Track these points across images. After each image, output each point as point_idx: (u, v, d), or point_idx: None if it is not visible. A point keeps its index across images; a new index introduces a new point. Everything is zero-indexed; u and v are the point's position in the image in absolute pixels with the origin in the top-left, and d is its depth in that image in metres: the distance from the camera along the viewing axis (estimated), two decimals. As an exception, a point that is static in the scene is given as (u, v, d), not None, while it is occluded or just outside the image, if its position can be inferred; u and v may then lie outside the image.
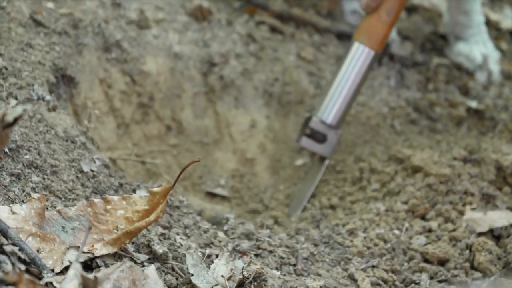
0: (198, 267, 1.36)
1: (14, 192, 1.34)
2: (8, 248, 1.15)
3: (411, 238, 1.64)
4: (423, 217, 1.71)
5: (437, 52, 2.56)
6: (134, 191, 1.54)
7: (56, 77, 1.73)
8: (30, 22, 1.79)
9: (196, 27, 2.18)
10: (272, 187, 2.06)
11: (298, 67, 2.20)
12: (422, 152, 1.86)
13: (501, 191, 1.78)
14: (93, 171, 1.51)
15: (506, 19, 2.90)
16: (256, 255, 1.49)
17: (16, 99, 1.56)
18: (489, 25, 2.79)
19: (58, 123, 1.56)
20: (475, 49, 2.48)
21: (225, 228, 1.57)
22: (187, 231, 1.50)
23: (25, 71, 1.65)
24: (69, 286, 1.11)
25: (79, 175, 1.49)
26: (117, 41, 1.98)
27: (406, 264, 1.60)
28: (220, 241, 1.49)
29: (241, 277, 1.36)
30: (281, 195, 2.00)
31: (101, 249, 1.29)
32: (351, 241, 1.62)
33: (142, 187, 1.57)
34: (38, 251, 1.22)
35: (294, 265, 1.50)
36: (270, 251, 1.51)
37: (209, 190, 1.99)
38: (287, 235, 1.62)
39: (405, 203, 1.72)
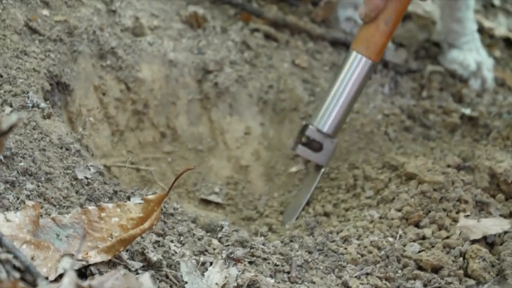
0: (192, 274, 1.36)
1: (8, 199, 1.34)
2: (3, 256, 1.15)
3: (405, 245, 1.65)
4: (417, 224, 1.71)
5: (431, 59, 2.57)
6: (128, 198, 1.54)
7: (51, 84, 1.73)
8: (25, 29, 1.79)
9: (191, 35, 2.18)
10: (266, 194, 2.06)
11: (293, 74, 2.21)
12: (416, 159, 1.86)
13: (494, 198, 1.79)
14: (87, 178, 1.51)
15: (500, 26, 2.90)
16: (250, 262, 1.49)
17: (11, 106, 1.56)
18: (482, 32, 2.80)
19: (53, 130, 1.56)
20: (469, 56, 2.49)
21: (219, 235, 1.57)
22: (181, 238, 1.50)
23: (20, 78, 1.65)
24: (64, 294, 1.11)
25: (74, 182, 1.49)
26: (112, 48, 1.98)
27: (400, 271, 1.60)
28: (214, 249, 1.49)
29: (235, 284, 1.37)
30: (275, 202, 2.01)
31: (95, 256, 1.29)
32: (345, 248, 1.62)
33: (137, 195, 1.56)
34: (32, 258, 1.22)
35: (288, 272, 1.50)
36: (264, 259, 1.51)
37: (204, 197, 2.00)
38: (281, 242, 1.62)
39: (399, 210, 1.72)
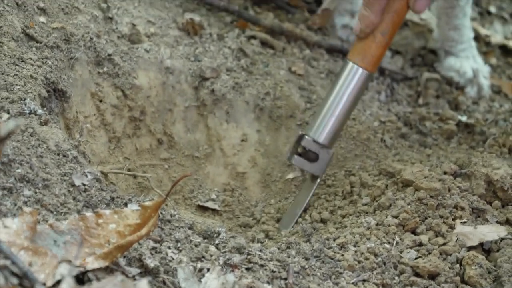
0: (190, 281, 1.36)
1: (6, 205, 1.33)
2: (0, 262, 1.15)
3: (401, 252, 1.64)
4: (413, 231, 1.71)
5: (427, 66, 2.57)
6: (125, 205, 1.54)
7: (48, 91, 1.73)
8: (22, 36, 1.80)
9: (187, 42, 2.19)
10: (263, 201, 2.06)
11: (289, 81, 2.21)
12: (413, 166, 1.86)
13: (491, 205, 1.79)
14: (84, 185, 1.51)
15: (496, 34, 2.91)
16: (247, 269, 1.49)
17: (8, 113, 1.56)
18: (479, 40, 2.81)
19: (50, 137, 1.56)
20: (466, 64, 2.50)
21: (216, 242, 1.57)
22: (179, 245, 1.50)
23: (17, 85, 1.65)
24: (61, 300, 1.11)
25: (71, 189, 1.49)
26: (109, 55, 1.98)
27: (396, 278, 1.60)
28: (211, 255, 1.49)
29: (233, 291, 1.37)
30: (272, 209, 2.01)
31: (92, 263, 1.28)
32: (342, 255, 1.62)
33: (134, 201, 1.56)
34: (30, 265, 1.22)
35: (285, 279, 1.50)
36: (261, 265, 1.51)
37: (201, 203, 2.00)
38: (278, 249, 1.62)
39: (395, 217, 1.72)
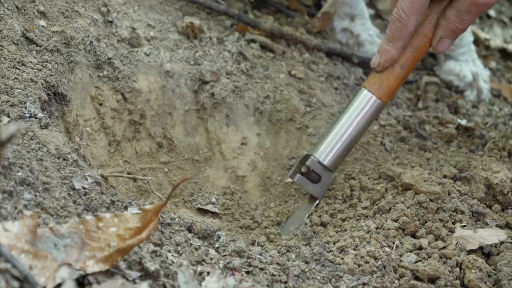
0: (190, 284, 1.36)
1: (6, 209, 1.33)
2: (1, 265, 1.15)
3: (401, 255, 1.65)
4: (413, 234, 1.71)
5: (427, 70, 2.58)
6: (126, 208, 1.54)
7: (48, 94, 1.74)
8: (22, 40, 1.80)
9: (187, 45, 2.19)
10: (263, 204, 2.06)
11: (289, 85, 2.21)
12: (412, 170, 1.86)
13: (491, 209, 1.79)
14: (85, 188, 1.51)
15: (495, 37, 2.92)
16: (247, 272, 1.49)
17: (8, 116, 1.56)
18: (478, 43, 2.82)
19: (50, 140, 1.56)
20: (465, 67, 2.50)
21: (216, 245, 1.57)
22: (179, 248, 1.50)
23: (17, 88, 1.65)
24: (62, 304, 1.11)
25: (71, 192, 1.49)
26: (109, 58, 1.99)
27: (396, 281, 1.60)
28: (211, 259, 1.49)
29: (233, 294, 1.37)
30: (272, 212, 2.01)
31: (93, 266, 1.29)
32: (342, 258, 1.62)
33: (134, 205, 1.56)
34: (30, 268, 1.22)
35: (285, 282, 1.50)
36: (261, 269, 1.51)
37: (200, 206, 2.00)
38: (278, 252, 1.62)
39: (395, 221, 1.72)
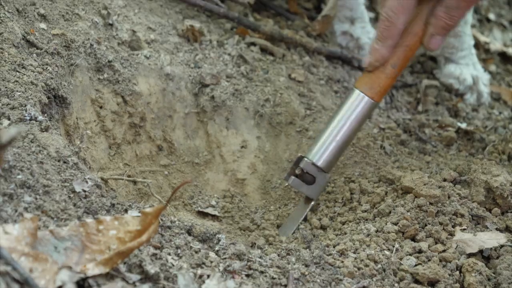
0: (190, 287, 1.36)
1: (6, 212, 1.33)
2: (2, 268, 1.15)
3: (401, 259, 1.65)
4: (413, 238, 1.71)
5: (427, 73, 2.58)
6: (126, 211, 1.54)
7: (48, 97, 1.74)
8: (22, 42, 1.80)
9: (187, 48, 2.19)
10: (262, 207, 2.06)
11: (289, 88, 2.21)
12: (412, 173, 1.86)
13: (490, 212, 1.79)
14: (85, 191, 1.51)
15: (495, 41, 2.92)
16: (248, 275, 1.49)
17: (9, 119, 1.57)
18: (478, 47, 2.82)
19: (50, 143, 1.56)
20: (465, 71, 2.50)
21: (216, 248, 1.57)
22: (179, 251, 1.50)
23: (17, 91, 1.65)
24: (62, 306, 1.11)
25: (71, 195, 1.49)
26: (109, 61, 1.99)
27: (396, 285, 1.60)
28: (211, 262, 1.49)
29: (233, 297, 1.37)
30: (271, 215, 2.01)
31: (93, 269, 1.29)
32: (342, 261, 1.62)
33: (134, 208, 1.57)
34: (30, 271, 1.22)
35: (285, 285, 1.50)
36: (261, 272, 1.51)
37: (200, 209, 2.00)
38: (278, 255, 1.62)
39: (395, 224, 1.73)
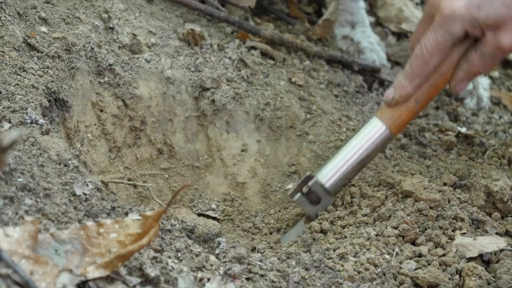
0: (190, 290, 1.36)
1: (7, 214, 1.34)
2: (2, 270, 1.15)
3: (401, 262, 1.65)
4: (413, 242, 1.71)
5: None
6: (126, 214, 1.54)
7: (49, 100, 1.74)
8: (23, 46, 1.80)
9: (188, 52, 2.19)
10: (263, 211, 2.06)
11: (289, 92, 2.21)
12: (412, 177, 1.86)
13: (490, 217, 1.79)
14: (85, 194, 1.51)
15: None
16: (248, 279, 1.49)
17: (10, 122, 1.57)
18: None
19: (51, 146, 1.57)
20: (465, 75, 2.50)
21: (216, 251, 1.57)
22: (179, 254, 1.50)
23: (18, 94, 1.65)
24: (62, 309, 1.11)
25: (72, 198, 1.49)
26: (110, 65, 1.99)
27: (396, 288, 1.60)
28: (211, 265, 1.50)
29: (233, 300, 1.37)
30: (271, 219, 2.01)
31: (93, 272, 1.29)
32: (342, 265, 1.62)
33: (135, 211, 1.57)
34: (31, 273, 1.22)
35: (285, 289, 1.50)
36: (262, 275, 1.51)
37: (201, 212, 2.00)
38: (278, 259, 1.62)
39: (395, 228, 1.73)
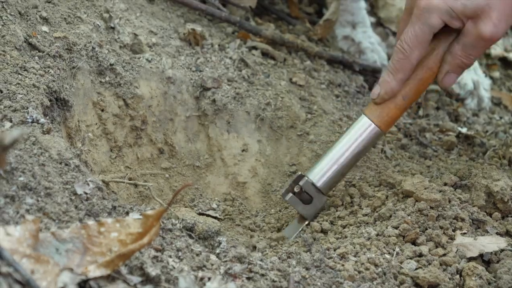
0: (191, 290, 1.36)
1: (8, 213, 1.34)
2: (3, 269, 1.16)
3: (402, 262, 1.65)
4: (413, 241, 1.71)
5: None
6: (127, 213, 1.54)
7: (50, 100, 1.74)
8: (25, 45, 1.80)
9: (189, 52, 2.19)
10: (263, 211, 2.06)
11: (290, 92, 2.22)
12: (413, 177, 1.86)
13: (491, 217, 1.79)
14: (86, 193, 1.52)
15: (496, 46, 2.92)
16: (248, 278, 1.49)
17: (11, 121, 1.57)
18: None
19: (52, 145, 1.57)
20: (466, 75, 2.50)
21: (217, 251, 1.57)
22: (180, 254, 1.50)
23: (19, 94, 1.65)
24: (63, 308, 1.11)
25: (73, 197, 1.49)
26: (111, 65, 1.99)
27: (396, 288, 1.60)
28: (212, 264, 1.50)
29: (234, 300, 1.37)
30: (272, 218, 2.01)
31: (94, 271, 1.29)
32: (343, 265, 1.62)
33: (135, 210, 1.57)
34: (32, 272, 1.22)
35: (286, 288, 1.50)
36: (262, 275, 1.51)
37: (201, 212, 2.00)
38: (278, 258, 1.62)
39: (396, 228, 1.73)
